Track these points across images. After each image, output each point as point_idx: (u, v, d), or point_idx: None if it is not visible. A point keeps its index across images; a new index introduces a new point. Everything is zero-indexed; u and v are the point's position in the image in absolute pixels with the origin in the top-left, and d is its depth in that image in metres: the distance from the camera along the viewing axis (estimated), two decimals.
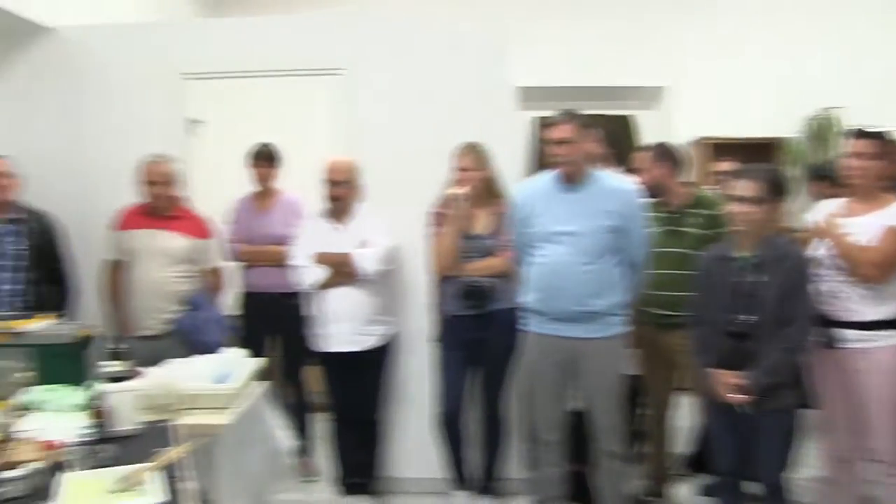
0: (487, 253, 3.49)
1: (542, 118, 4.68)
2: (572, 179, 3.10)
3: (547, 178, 3.21)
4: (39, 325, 2.92)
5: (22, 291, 3.53)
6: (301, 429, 3.94)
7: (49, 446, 2.01)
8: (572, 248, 3.04)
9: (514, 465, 3.74)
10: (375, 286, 3.62)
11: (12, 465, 1.86)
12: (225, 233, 4.00)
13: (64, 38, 4.04)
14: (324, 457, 4.04)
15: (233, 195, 4.15)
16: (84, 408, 2.34)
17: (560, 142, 3.04)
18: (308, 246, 3.62)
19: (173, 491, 1.79)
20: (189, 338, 3.56)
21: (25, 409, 2.49)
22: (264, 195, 4.06)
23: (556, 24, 5.69)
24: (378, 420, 3.81)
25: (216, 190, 4.20)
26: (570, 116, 3.05)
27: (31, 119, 4.07)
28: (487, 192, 3.55)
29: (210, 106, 4.83)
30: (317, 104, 4.41)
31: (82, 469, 1.89)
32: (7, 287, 3.51)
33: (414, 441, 3.89)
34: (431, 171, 3.65)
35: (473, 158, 3.51)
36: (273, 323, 3.98)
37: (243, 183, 4.07)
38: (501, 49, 3.85)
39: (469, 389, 3.62)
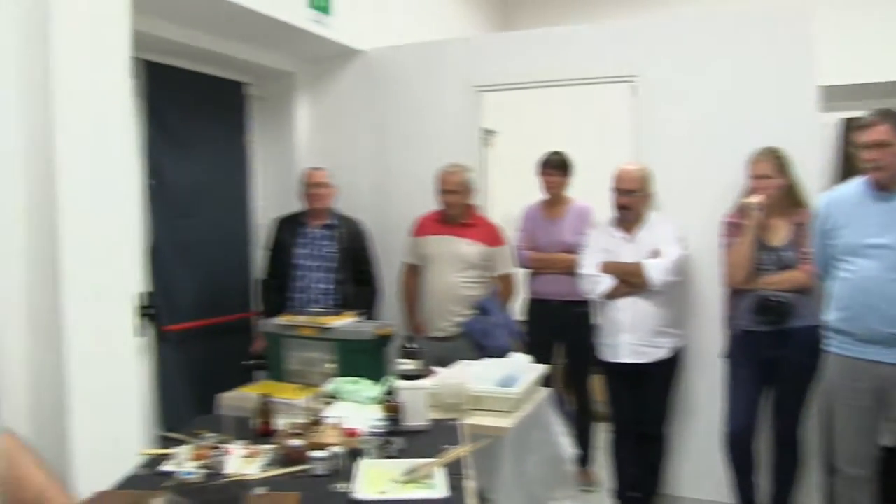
0: (785, 266, 3.25)
1: (851, 119, 4.30)
2: (887, 187, 2.80)
3: (856, 185, 2.92)
4: (344, 322, 3.18)
5: (333, 291, 3.86)
6: (582, 437, 3.94)
7: (350, 433, 2.18)
8: (885, 262, 2.74)
9: (809, 497, 3.46)
10: (664, 297, 3.52)
11: (319, 447, 2.05)
12: (514, 240, 4.09)
13: (372, 59, 4.39)
14: (604, 468, 3.99)
15: (526, 203, 4.24)
16: (380, 401, 2.51)
17: (873, 145, 2.76)
18: (597, 255, 3.61)
19: (456, 487, 1.86)
20: (478, 341, 3.68)
21: (331, 397, 2.73)
22: (554, 203, 4.10)
23: (865, 11, 5.12)
24: (662, 435, 3.69)
25: (509, 197, 4.31)
26: (885, 116, 2.76)
27: (343, 133, 4.47)
28: (787, 200, 3.31)
29: (503, 116, 5.00)
30: (609, 112, 4.39)
31: (376, 457, 2.03)
32: (321, 286, 3.86)
33: (699, 460, 3.72)
34: (726, 178, 3.49)
35: (771, 165, 3.30)
36: (559, 330, 4.00)
37: (536, 191, 4.14)
38: (804, 45, 3.57)
39: (761, 410, 3.40)
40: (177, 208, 3.74)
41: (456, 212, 3.84)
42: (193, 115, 3.91)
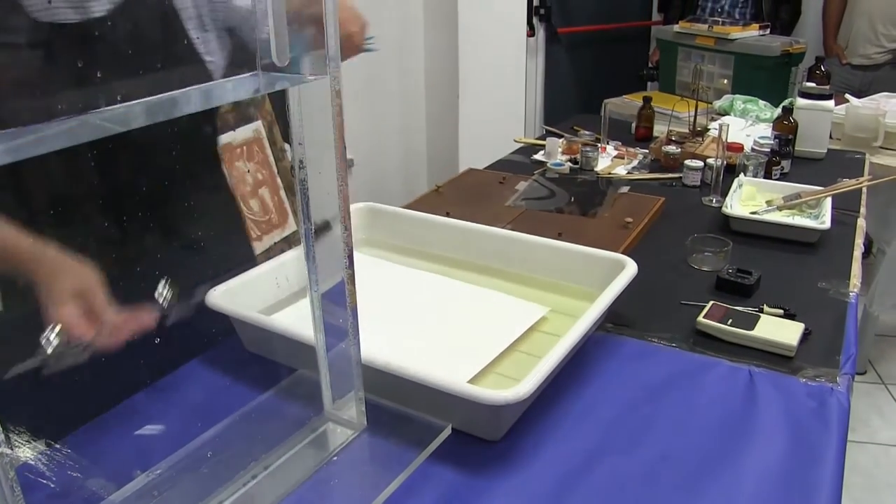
0: None
1: None
2: None
3: None
4: (747, 34, 2.86)
5: (747, 2, 3.47)
6: None
7: (732, 147, 2.01)
8: None
9: None
10: None
11: (699, 157, 1.93)
12: None
13: None
14: None
15: None
16: (772, 120, 2.27)
17: None
18: None
19: (843, 223, 1.64)
20: None
21: (721, 113, 2.54)
22: None
23: None
24: None
25: None
26: None
27: None
28: None
29: None
30: None
31: (755, 176, 1.86)
32: None
33: None
34: None
35: None
36: None
37: None
38: None
39: None
40: None
41: None
42: None
